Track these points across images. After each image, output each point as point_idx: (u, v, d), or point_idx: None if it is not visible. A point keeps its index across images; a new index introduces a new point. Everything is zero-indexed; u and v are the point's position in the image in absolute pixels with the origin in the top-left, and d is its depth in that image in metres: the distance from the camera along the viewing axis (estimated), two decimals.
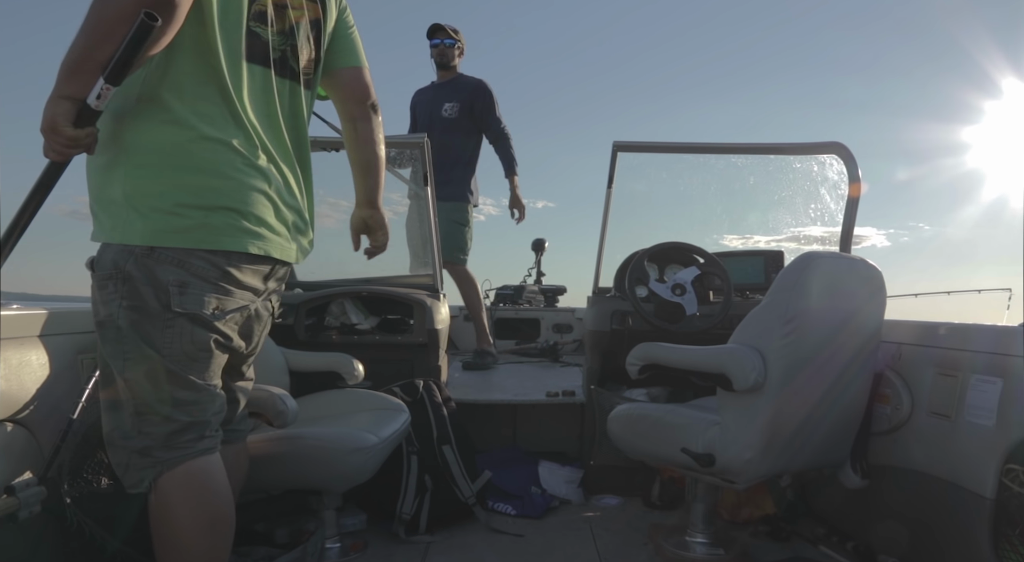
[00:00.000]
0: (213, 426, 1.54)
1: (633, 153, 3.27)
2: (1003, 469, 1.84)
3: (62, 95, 1.34)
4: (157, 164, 1.43)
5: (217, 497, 1.51)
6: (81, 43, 1.31)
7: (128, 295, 1.43)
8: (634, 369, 2.35)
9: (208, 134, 1.45)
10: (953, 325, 2.17)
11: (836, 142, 3.11)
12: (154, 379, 1.46)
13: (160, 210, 1.42)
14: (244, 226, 1.48)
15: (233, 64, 1.48)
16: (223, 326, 1.52)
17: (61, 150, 1.38)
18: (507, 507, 2.82)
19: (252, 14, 1.50)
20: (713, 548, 2.34)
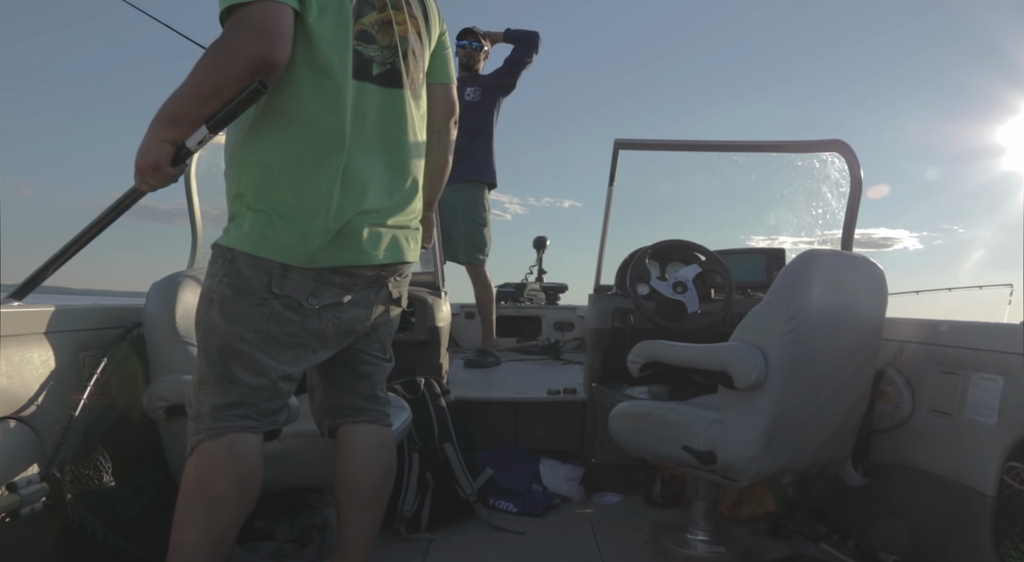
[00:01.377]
0: (259, 412, 1.62)
1: (635, 151, 3.27)
2: (1005, 467, 1.84)
3: (164, 139, 1.50)
4: (261, 182, 1.59)
5: (250, 470, 1.59)
6: (188, 98, 1.46)
7: (231, 273, 1.57)
8: (635, 367, 2.35)
9: (308, 154, 1.57)
10: (954, 323, 2.17)
11: (838, 140, 3.10)
12: (224, 352, 1.58)
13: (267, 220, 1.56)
14: (336, 244, 1.59)
15: (339, 82, 1.58)
16: (314, 314, 1.61)
17: (156, 185, 1.57)
18: (508, 505, 2.82)
19: (356, 34, 1.61)
20: (714, 546, 2.34)
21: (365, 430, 1.85)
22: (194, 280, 2.33)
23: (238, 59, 1.41)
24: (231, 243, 1.58)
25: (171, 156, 1.52)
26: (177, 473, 2.12)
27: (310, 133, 1.57)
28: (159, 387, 2.06)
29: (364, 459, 1.83)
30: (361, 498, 1.82)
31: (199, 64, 1.44)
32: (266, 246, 1.55)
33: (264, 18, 1.43)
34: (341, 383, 1.85)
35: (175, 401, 2.04)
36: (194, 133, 1.49)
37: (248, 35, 1.42)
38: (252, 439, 1.60)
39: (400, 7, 1.72)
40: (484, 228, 4.19)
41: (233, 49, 1.42)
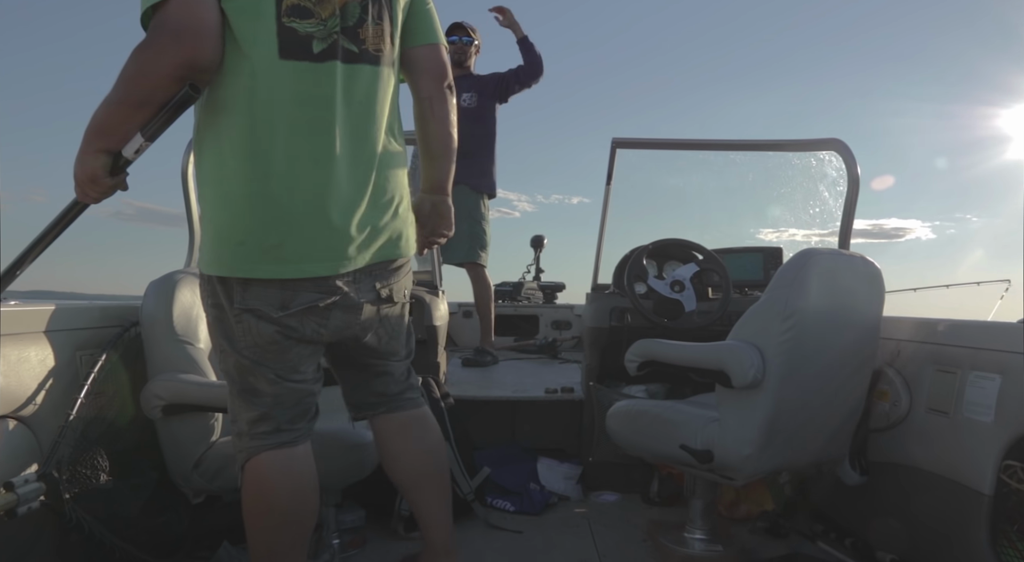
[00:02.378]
0: (288, 419, 1.62)
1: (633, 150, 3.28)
2: (1001, 465, 1.84)
3: (99, 149, 1.45)
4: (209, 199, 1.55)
5: (281, 490, 1.59)
6: (117, 107, 1.41)
7: (211, 295, 1.58)
8: (633, 366, 2.35)
9: (246, 153, 1.49)
10: (951, 321, 2.17)
11: (834, 138, 3.11)
12: (237, 370, 1.60)
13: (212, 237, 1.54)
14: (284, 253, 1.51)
15: (260, 68, 1.47)
16: (289, 319, 1.55)
17: (96, 196, 1.54)
18: (506, 503, 2.82)
19: (286, 9, 1.47)
20: (711, 544, 2.34)
21: (385, 419, 1.86)
22: (191, 279, 2.32)
23: (162, 65, 1.36)
24: (201, 268, 1.59)
25: (108, 166, 1.48)
26: (174, 472, 2.12)
27: (240, 134, 1.48)
28: (156, 386, 2.05)
29: (395, 444, 1.85)
30: (409, 480, 1.86)
31: (124, 71, 1.38)
32: (220, 266, 1.53)
33: (184, 16, 1.36)
34: (356, 384, 1.87)
35: (172, 400, 2.04)
36: (130, 142, 1.45)
37: (169, 38, 1.36)
38: (287, 454, 1.61)
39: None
40: (484, 225, 4.16)
41: (156, 54, 1.37)
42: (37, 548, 1.80)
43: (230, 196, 1.50)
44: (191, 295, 2.28)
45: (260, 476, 1.59)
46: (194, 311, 2.26)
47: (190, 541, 2.26)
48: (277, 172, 1.48)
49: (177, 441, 2.10)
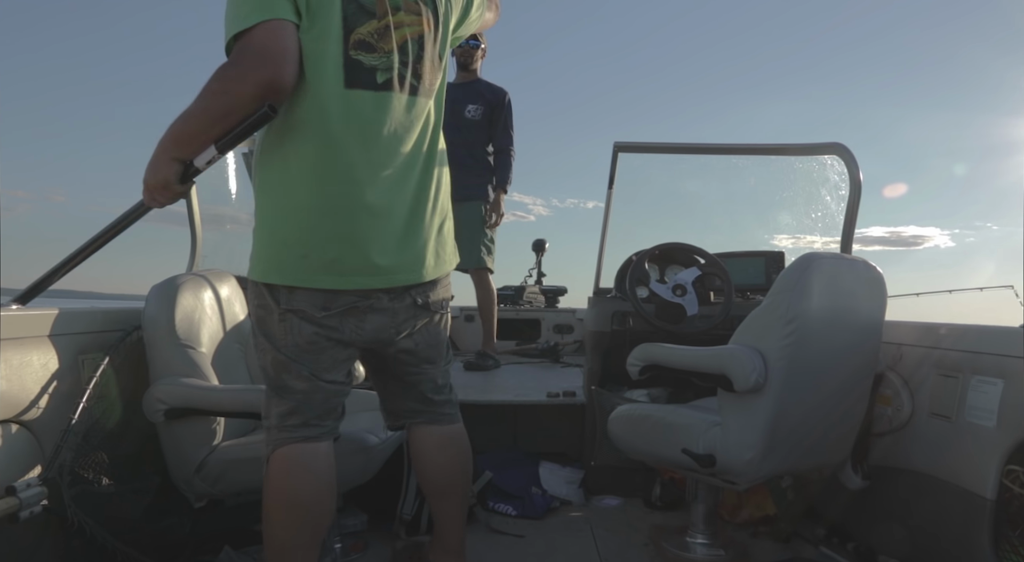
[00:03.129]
0: (316, 416, 1.72)
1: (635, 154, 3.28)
2: (1004, 470, 1.84)
3: (173, 158, 1.56)
4: (270, 213, 1.66)
5: (302, 482, 1.69)
6: (197, 120, 1.51)
7: (257, 297, 1.69)
8: (635, 370, 2.35)
9: (311, 175, 1.61)
10: (953, 326, 2.17)
11: (837, 143, 3.11)
12: (274, 366, 1.70)
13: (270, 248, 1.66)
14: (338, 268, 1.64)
15: (333, 95, 1.59)
16: (330, 320, 1.66)
17: (164, 202, 1.66)
18: (507, 508, 2.81)
19: (353, 43, 1.60)
20: (713, 549, 2.34)
21: (425, 432, 1.95)
22: (194, 282, 2.33)
23: (246, 84, 1.46)
24: (251, 276, 1.69)
25: (179, 174, 1.58)
26: (176, 476, 2.12)
27: (302, 154, 1.60)
28: (158, 390, 2.05)
29: (431, 458, 1.95)
30: (436, 490, 1.97)
31: (208, 87, 1.48)
32: (272, 274, 1.64)
33: (269, 41, 1.47)
34: (392, 391, 1.96)
35: (174, 404, 2.04)
36: (203, 153, 1.55)
37: (254, 60, 1.46)
38: (312, 449, 1.70)
39: (411, 8, 1.70)
40: (490, 232, 4.18)
41: (240, 74, 1.46)
42: (40, 552, 1.80)
43: (295, 212, 1.62)
44: (193, 299, 2.28)
45: (284, 467, 1.68)
46: (196, 315, 2.27)
47: (192, 545, 2.26)
48: (339, 192, 1.61)
49: (179, 445, 2.10)
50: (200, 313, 2.30)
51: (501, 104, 4.23)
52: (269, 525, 1.69)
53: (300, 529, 1.68)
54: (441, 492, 1.97)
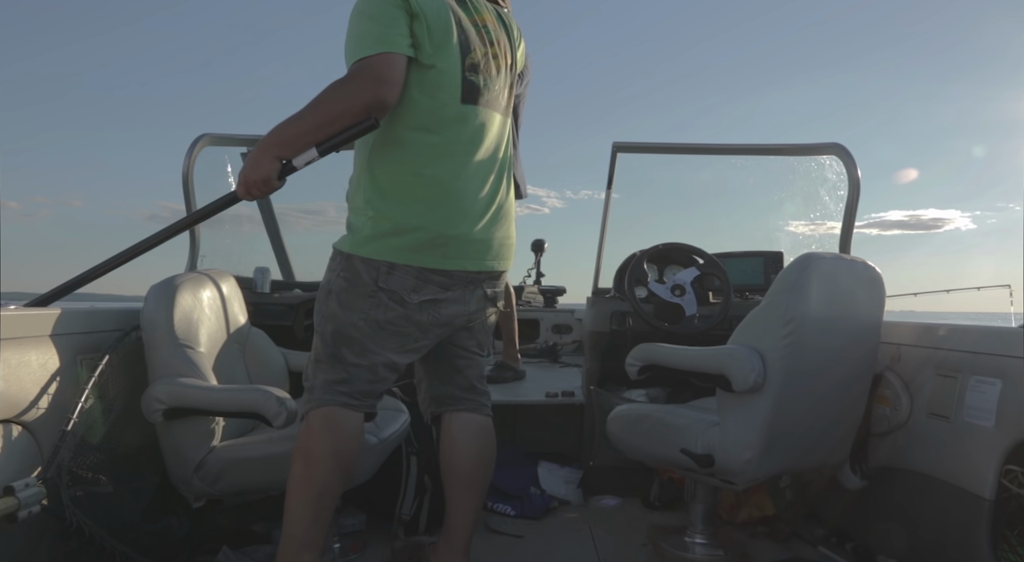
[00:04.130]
0: (361, 391, 1.85)
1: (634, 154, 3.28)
2: (1002, 470, 1.84)
3: (277, 156, 1.76)
4: (390, 197, 1.82)
5: (345, 436, 1.83)
6: (307, 124, 1.71)
7: (346, 269, 1.82)
8: (633, 370, 2.35)
9: (429, 171, 1.81)
10: (952, 326, 2.17)
11: (835, 143, 3.11)
12: (336, 336, 1.83)
13: (377, 225, 1.81)
14: (436, 250, 1.82)
15: (448, 108, 1.83)
16: (419, 308, 1.83)
17: (258, 195, 1.83)
18: (506, 508, 2.82)
19: (468, 66, 1.85)
20: (712, 549, 2.34)
21: (464, 418, 2.07)
22: (192, 282, 2.33)
23: (360, 99, 1.67)
24: (348, 249, 1.82)
25: (279, 171, 1.77)
26: (175, 476, 2.12)
27: (420, 153, 1.80)
28: (157, 390, 2.05)
29: (465, 444, 2.05)
30: (462, 479, 2.03)
31: (323, 96, 1.69)
32: (376, 250, 1.79)
33: (385, 67, 1.69)
34: (441, 375, 2.08)
35: (173, 404, 2.04)
36: (303, 154, 1.74)
37: (371, 80, 1.67)
38: (351, 414, 1.84)
39: (501, 42, 1.97)
40: None
41: (357, 89, 1.67)
42: (38, 552, 1.80)
43: (408, 199, 1.80)
44: (192, 299, 2.28)
45: (325, 420, 1.81)
46: (195, 315, 2.27)
47: (190, 545, 2.25)
48: (455, 188, 1.83)
49: (178, 445, 2.10)
50: (199, 313, 2.30)
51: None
52: (309, 470, 1.78)
53: (338, 476, 1.81)
54: (468, 486, 2.03)
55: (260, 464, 2.12)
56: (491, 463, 2.09)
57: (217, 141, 3.31)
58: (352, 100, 1.68)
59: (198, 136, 3.27)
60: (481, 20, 1.94)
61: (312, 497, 1.78)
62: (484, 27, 1.93)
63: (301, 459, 1.80)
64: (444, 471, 2.07)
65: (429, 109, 1.81)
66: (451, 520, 2.04)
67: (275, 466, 2.11)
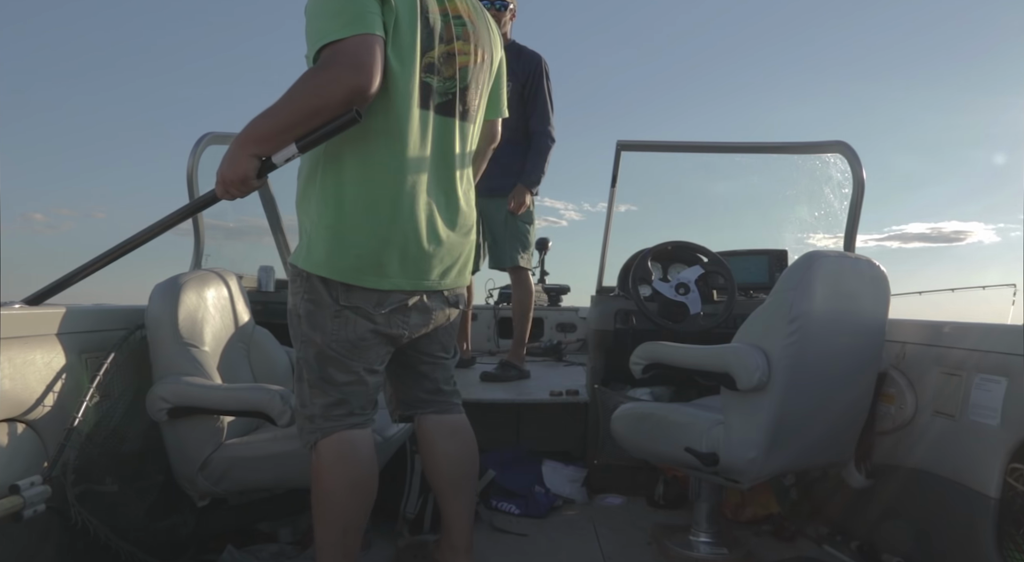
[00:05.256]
0: (360, 405, 1.81)
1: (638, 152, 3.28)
2: (1008, 468, 1.84)
3: (254, 154, 1.63)
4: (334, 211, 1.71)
5: (359, 464, 1.78)
6: (284, 119, 1.58)
7: (308, 290, 1.74)
8: (638, 368, 2.35)
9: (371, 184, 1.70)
10: (957, 324, 2.16)
11: (840, 141, 3.10)
12: (319, 359, 1.76)
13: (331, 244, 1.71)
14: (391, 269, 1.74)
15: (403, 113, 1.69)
16: (381, 317, 1.76)
17: (237, 195, 1.70)
18: (511, 506, 2.82)
19: (424, 66, 1.72)
20: (717, 547, 2.34)
21: (435, 421, 2.04)
22: (196, 281, 2.33)
23: (338, 88, 1.52)
24: (305, 266, 1.73)
25: (257, 169, 1.65)
26: (179, 475, 2.13)
27: (375, 162, 1.69)
28: (161, 389, 2.06)
29: (442, 447, 2.03)
30: (447, 481, 2.02)
31: (297, 88, 1.55)
32: (331, 270, 1.70)
33: (362, 51, 1.54)
34: (406, 380, 2.04)
35: (177, 403, 2.04)
36: (283, 150, 1.62)
37: (348, 67, 1.52)
38: (360, 434, 1.80)
39: (467, 38, 1.81)
40: (530, 227, 3.81)
41: (333, 78, 1.52)
42: (43, 551, 1.81)
43: (361, 215, 1.69)
44: (196, 298, 2.28)
45: (338, 452, 1.76)
46: (199, 314, 2.27)
47: (195, 544, 2.26)
48: (405, 204, 1.71)
49: (182, 444, 2.10)
50: (203, 312, 2.30)
51: (535, 74, 3.66)
52: (330, 509, 1.75)
53: (360, 508, 1.78)
54: (453, 486, 2.01)
55: (265, 463, 2.12)
56: (474, 459, 2.07)
57: (222, 140, 3.31)
58: (330, 91, 1.53)
59: (202, 135, 3.28)
60: (454, 10, 1.79)
61: (339, 534, 1.76)
62: (456, 18, 1.79)
63: (322, 498, 1.76)
64: (429, 476, 2.07)
65: (383, 109, 1.67)
66: (447, 522, 2.04)
67: (280, 464, 2.11)
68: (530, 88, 3.68)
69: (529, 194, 3.70)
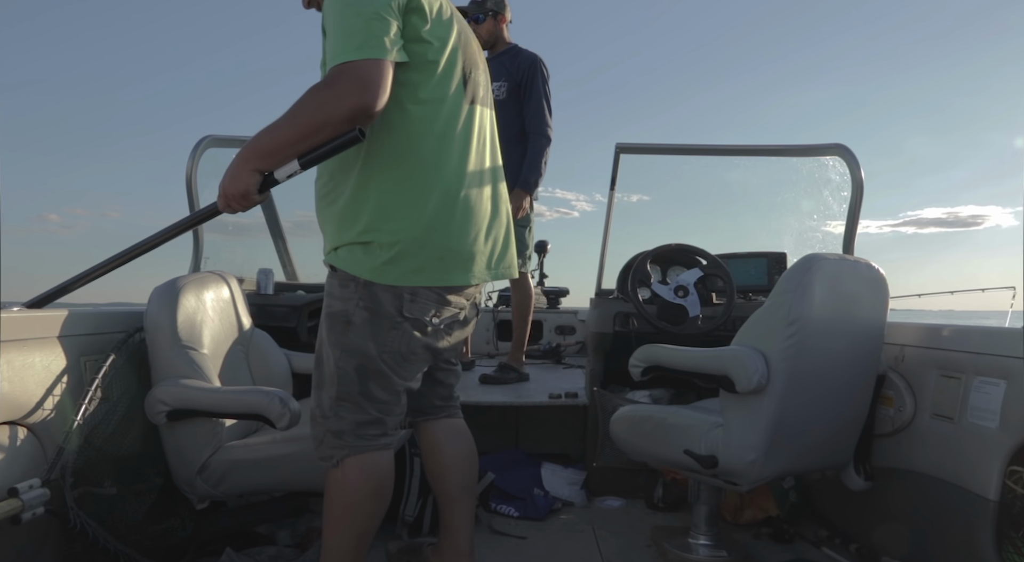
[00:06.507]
0: (394, 426, 1.79)
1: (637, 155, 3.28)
2: (1006, 471, 1.84)
3: (256, 168, 1.62)
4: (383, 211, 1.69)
5: (386, 479, 1.77)
6: (287, 135, 1.56)
7: (367, 298, 1.68)
8: (637, 371, 2.35)
9: (437, 178, 1.69)
10: (956, 327, 2.17)
11: (838, 144, 3.11)
12: (361, 371, 1.71)
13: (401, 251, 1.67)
14: (453, 264, 1.72)
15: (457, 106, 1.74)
16: (437, 333, 1.76)
17: (238, 209, 1.69)
18: (510, 509, 2.81)
19: (465, 61, 1.76)
20: (716, 550, 2.34)
21: (446, 425, 2.05)
22: (196, 284, 2.33)
23: (343, 105, 1.50)
24: (368, 276, 1.66)
25: (259, 184, 1.64)
26: (178, 477, 2.13)
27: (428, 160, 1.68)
28: (160, 391, 2.06)
29: (456, 451, 2.03)
30: (459, 484, 2.02)
31: (301, 104, 1.54)
32: (399, 275, 1.66)
33: (373, 72, 1.51)
34: (421, 388, 1.93)
35: (176, 405, 2.04)
36: (285, 166, 1.60)
37: (355, 85, 1.50)
38: (386, 453, 1.77)
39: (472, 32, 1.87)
40: (525, 231, 3.74)
41: (339, 95, 1.50)
42: (42, 554, 1.80)
43: (431, 211, 1.67)
44: (195, 300, 2.28)
45: (364, 471, 1.72)
46: (198, 316, 2.27)
47: (194, 547, 2.26)
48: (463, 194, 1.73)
49: (181, 446, 2.10)
50: (202, 315, 2.30)
51: (528, 73, 3.65)
52: (352, 518, 1.73)
53: (379, 515, 1.78)
54: (460, 490, 2.02)
55: (264, 466, 2.12)
56: (476, 463, 2.09)
57: (221, 143, 3.31)
58: (335, 108, 1.51)
59: (202, 138, 3.28)
60: (450, 9, 1.79)
61: (353, 538, 1.74)
62: (453, 17, 1.79)
63: (341, 506, 1.73)
64: (437, 479, 2.04)
65: (438, 107, 1.69)
66: (452, 524, 2.03)
67: (279, 467, 2.11)
68: (525, 87, 3.67)
69: (527, 197, 3.69)
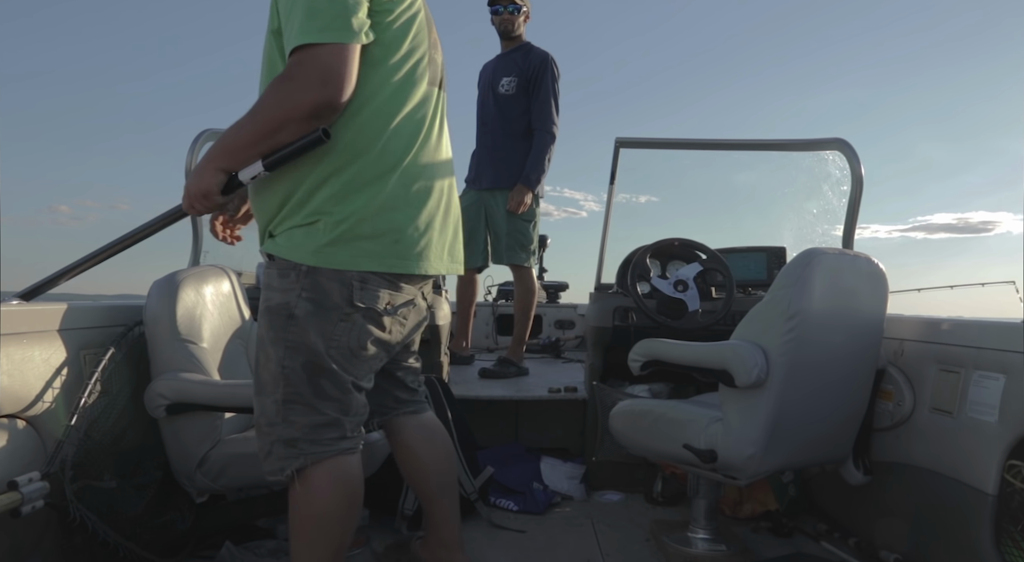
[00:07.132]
0: (353, 427, 1.65)
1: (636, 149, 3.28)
2: (1005, 465, 1.84)
3: (219, 168, 1.53)
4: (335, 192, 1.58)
5: (356, 486, 1.65)
6: (248, 133, 1.48)
7: (309, 287, 1.54)
8: (636, 365, 2.35)
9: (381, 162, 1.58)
10: (955, 320, 2.17)
11: (838, 138, 3.10)
12: (309, 369, 1.56)
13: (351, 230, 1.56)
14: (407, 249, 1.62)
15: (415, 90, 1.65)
16: (386, 323, 1.64)
17: (202, 210, 1.60)
18: (509, 503, 2.82)
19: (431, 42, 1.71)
20: (715, 544, 2.34)
21: (412, 422, 1.98)
22: (195, 278, 2.33)
23: (304, 100, 1.42)
24: (306, 259, 1.53)
25: (222, 184, 1.55)
26: (178, 471, 2.13)
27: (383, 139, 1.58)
28: (160, 385, 2.06)
29: (428, 447, 1.98)
30: (437, 479, 1.98)
31: (264, 100, 1.47)
32: (347, 258, 1.54)
33: (337, 63, 1.43)
34: (378, 387, 1.83)
35: (176, 399, 2.04)
36: (249, 167, 1.52)
37: (316, 77, 1.42)
38: (352, 458, 1.64)
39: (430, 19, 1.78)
40: (530, 225, 3.82)
41: (299, 90, 1.43)
42: (41, 547, 1.81)
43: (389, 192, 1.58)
44: (195, 294, 2.28)
45: (327, 483, 1.58)
46: (197, 310, 2.27)
47: (193, 540, 2.26)
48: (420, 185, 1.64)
49: (181, 440, 2.10)
50: (202, 308, 2.30)
51: (539, 70, 3.70)
52: (326, 534, 1.59)
53: (353, 526, 1.67)
54: (439, 486, 1.99)
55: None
56: (453, 455, 2.05)
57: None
58: (292, 105, 1.43)
59: (201, 131, 3.27)
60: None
61: (331, 557, 1.61)
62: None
63: (315, 525, 1.58)
64: (413, 476, 1.99)
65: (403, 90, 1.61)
66: (437, 518, 2.00)
67: None
68: (534, 84, 3.72)
69: (529, 193, 3.71)
